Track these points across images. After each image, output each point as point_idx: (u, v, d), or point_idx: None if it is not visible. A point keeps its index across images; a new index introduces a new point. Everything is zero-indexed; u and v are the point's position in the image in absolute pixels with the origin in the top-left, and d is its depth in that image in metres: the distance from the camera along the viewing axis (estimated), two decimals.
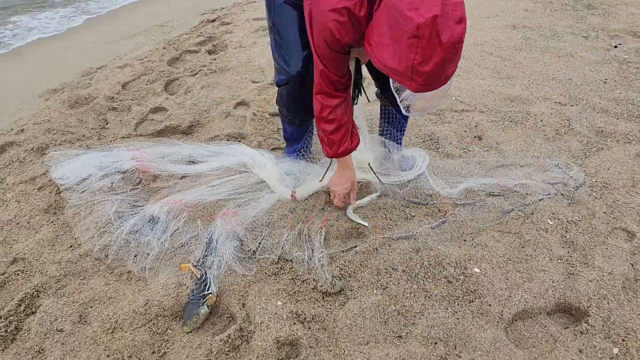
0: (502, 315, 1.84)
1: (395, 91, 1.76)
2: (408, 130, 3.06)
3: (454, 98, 3.46)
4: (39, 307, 1.86)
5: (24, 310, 1.85)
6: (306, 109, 2.26)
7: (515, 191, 2.46)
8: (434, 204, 2.40)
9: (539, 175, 2.58)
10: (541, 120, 3.13)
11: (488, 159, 2.74)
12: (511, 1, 5.78)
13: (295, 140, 2.60)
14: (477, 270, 2.02)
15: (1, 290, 1.94)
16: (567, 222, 2.27)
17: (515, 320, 1.86)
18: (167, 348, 1.73)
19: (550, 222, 2.28)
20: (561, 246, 2.15)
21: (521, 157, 2.76)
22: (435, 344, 1.74)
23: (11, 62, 4.76)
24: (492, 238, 2.21)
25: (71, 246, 2.14)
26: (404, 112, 1.83)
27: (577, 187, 2.50)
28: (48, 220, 2.29)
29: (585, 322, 1.81)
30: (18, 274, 2.00)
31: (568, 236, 2.20)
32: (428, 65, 1.50)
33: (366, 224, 2.25)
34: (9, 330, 1.76)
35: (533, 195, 2.44)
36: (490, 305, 1.87)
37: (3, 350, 1.71)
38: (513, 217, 2.31)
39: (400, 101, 1.78)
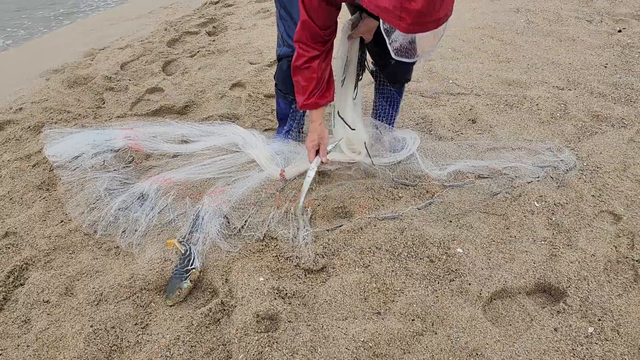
0: (480, 294, 1.85)
1: (385, 32, 1.76)
2: (402, 112, 3.06)
3: (450, 81, 3.45)
4: (27, 279, 1.92)
5: (12, 282, 1.90)
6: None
7: (504, 174, 2.47)
8: (422, 185, 2.41)
9: (530, 159, 2.58)
10: (537, 104, 3.11)
11: (480, 141, 2.74)
12: None
13: (287, 118, 2.62)
14: (459, 250, 2.04)
15: None
16: (554, 204, 2.27)
17: (494, 299, 1.88)
18: (150, 320, 1.78)
19: (537, 205, 2.28)
20: (546, 228, 2.16)
21: (513, 141, 2.75)
22: (412, 320, 1.77)
23: (18, 44, 4.82)
24: (478, 219, 2.22)
25: (62, 221, 2.19)
26: (392, 54, 1.80)
27: (567, 170, 2.50)
28: (40, 197, 2.34)
29: (563, 302, 1.82)
30: (9, 247, 2.05)
31: (554, 218, 2.21)
32: (417, 3, 1.50)
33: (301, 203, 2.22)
34: None
35: (522, 177, 2.44)
36: (470, 284, 1.89)
37: None
38: (500, 199, 2.32)
39: (390, 43, 1.78)
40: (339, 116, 2.37)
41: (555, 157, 2.59)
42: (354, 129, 2.39)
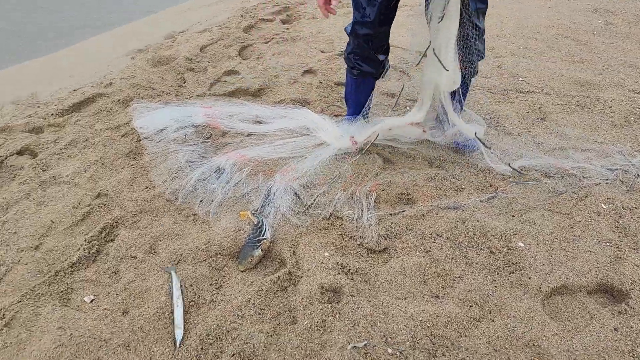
0: (540, 288, 1.89)
1: None
2: (468, 108, 3.08)
3: (520, 79, 3.43)
4: (117, 235, 2.12)
5: (104, 237, 2.11)
6: (367, 59, 2.51)
7: (571, 173, 2.46)
8: (485, 179, 2.44)
9: (599, 160, 2.55)
10: (610, 107, 3.05)
11: (548, 140, 2.73)
12: None
13: (353, 96, 2.74)
14: (521, 244, 2.07)
15: (87, 218, 2.21)
16: (622, 207, 2.25)
17: (554, 294, 1.91)
18: (223, 282, 1.93)
19: (604, 207, 2.27)
20: (612, 230, 2.15)
21: (583, 142, 2.72)
22: (470, 306, 1.83)
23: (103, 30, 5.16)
24: (542, 216, 2.23)
25: (147, 187, 2.39)
26: None
27: (638, 175, 2.46)
28: (129, 164, 2.55)
29: (625, 304, 1.83)
30: (101, 207, 2.27)
31: (621, 221, 2.19)
32: None
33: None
34: (91, 252, 2.03)
35: (590, 179, 2.43)
36: (530, 277, 1.93)
37: (86, 268, 1.98)
38: (566, 198, 2.32)
39: None
40: (434, 54, 2.37)
41: (626, 161, 2.55)
42: (447, 70, 2.38)
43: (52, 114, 3.02)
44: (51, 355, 1.64)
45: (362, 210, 2.22)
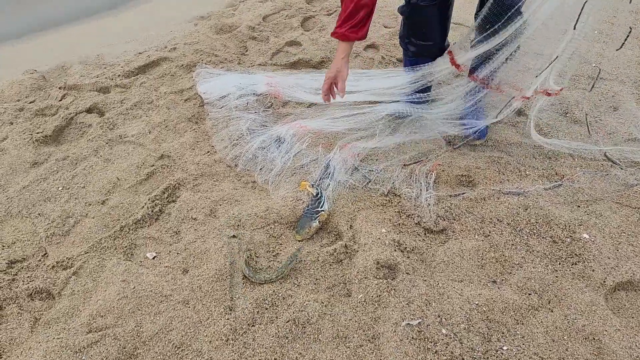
0: (604, 282, 1.82)
1: None
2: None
3: (593, 64, 3.26)
4: (178, 197, 2.18)
5: (167, 198, 2.17)
6: (418, 36, 2.43)
7: None
8: (552, 167, 2.35)
9: None
10: None
11: (621, 130, 2.60)
12: None
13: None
14: (586, 236, 1.99)
15: (150, 178, 2.28)
16: None
17: (618, 289, 1.83)
18: (280, 250, 1.96)
19: None
20: None
21: None
22: (529, 294, 1.78)
23: None
24: (609, 208, 2.14)
25: (208, 152, 2.43)
26: None
27: None
28: (191, 128, 2.60)
29: None
30: (164, 168, 2.33)
31: None
32: None
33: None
34: (154, 211, 2.09)
35: None
36: (593, 270, 1.86)
37: (149, 225, 2.05)
38: (636, 192, 2.21)
39: None
40: None
41: None
42: None
43: (119, 75, 3.11)
44: (115, 306, 1.71)
45: (420, 190, 2.19)
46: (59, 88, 3.01)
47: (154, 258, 1.91)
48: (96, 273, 1.85)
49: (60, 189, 2.23)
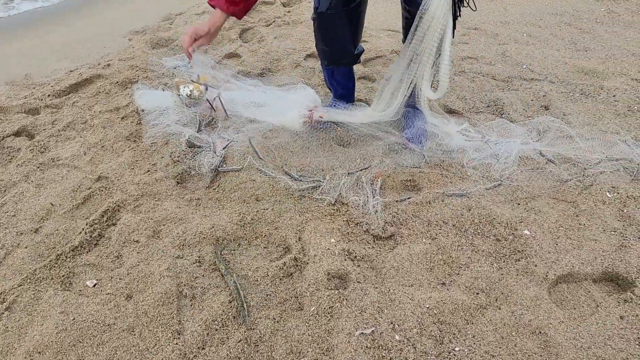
0: (546, 276, 1.88)
1: None
2: (472, 94, 3.06)
3: (524, 66, 3.40)
4: (119, 219, 2.08)
5: (106, 221, 2.07)
6: (332, 45, 2.47)
7: (576, 162, 2.45)
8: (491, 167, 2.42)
9: (604, 149, 2.54)
10: (614, 96, 3.03)
11: (552, 127, 2.71)
12: None
13: (330, 85, 2.76)
14: (527, 232, 2.06)
15: (87, 202, 2.17)
16: (627, 197, 2.25)
17: (560, 282, 1.90)
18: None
19: (609, 195, 2.26)
20: (617, 219, 2.15)
21: (587, 130, 2.71)
22: (477, 294, 1.82)
23: (96, 7, 5.04)
24: (547, 204, 2.22)
25: (148, 170, 2.35)
26: None
27: None
28: (129, 147, 2.51)
29: (630, 292, 1.82)
30: (102, 190, 2.23)
31: (625, 210, 2.19)
32: None
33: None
34: (93, 236, 1.99)
35: (594, 167, 2.41)
36: (536, 265, 1.92)
37: (88, 252, 1.95)
38: (571, 187, 2.31)
39: None
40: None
41: (630, 150, 2.54)
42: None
43: (49, 95, 2.96)
44: (54, 340, 1.61)
45: (367, 197, 2.20)
46: None
47: (94, 286, 1.82)
48: (31, 306, 1.73)
49: None
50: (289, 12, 4.29)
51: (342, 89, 2.72)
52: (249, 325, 1.67)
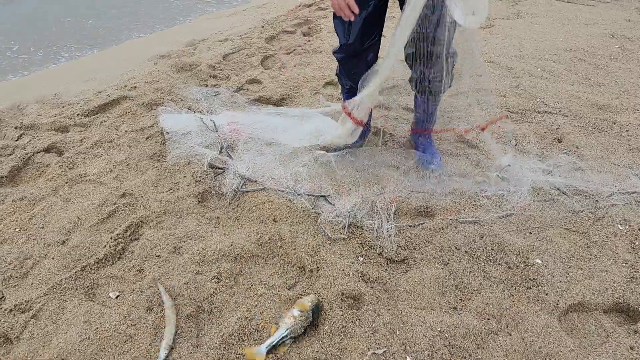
0: (557, 304, 1.91)
1: None
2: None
3: (538, 99, 3.47)
4: (141, 235, 2.16)
5: (129, 236, 2.15)
6: (353, 75, 2.54)
7: (588, 194, 2.49)
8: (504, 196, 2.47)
9: (616, 183, 2.58)
10: (627, 130, 3.08)
11: (565, 160, 2.76)
12: (612, 10, 5.57)
13: (340, 77, 2.79)
14: (538, 261, 2.10)
15: (112, 217, 2.26)
16: (639, 229, 2.28)
17: (570, 311, 1.93)
18: (246, 283, 1.97)
19: (621, 227, 2.29)
20: (628, 251, 2.17)
21: (600, 163, 2.75)
22: (488, 319, 1.85)
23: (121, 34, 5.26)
24: (559, 235, 2.26)
25: (170, 189, 2.44)
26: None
27: None
28: (153, 166, 2.60)
29: None
30: (126, 206, 2.31)
31: (637, 243, 2.22)
32: None
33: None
34: (117, 249, 2.07)
35: (606, 200, 2.45)
36: (547, 294, 1.95)
37: (111, 265, 2.02)
38: (583, 218, 2.35)
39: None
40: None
41: None
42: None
43: (78, 114, 3.09)
44: (77, 348, 1.67)
45: (381, 221, 2.26)
46: (15, 128, 2.97)
47: (117, 297, 1.88)
48: (56, 315, 1.80)
49: (17, 230, 2.18)
50: (309, 41, 4.42)
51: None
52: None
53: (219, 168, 2.53)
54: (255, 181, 2.47)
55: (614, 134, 3.07)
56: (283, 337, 1.72)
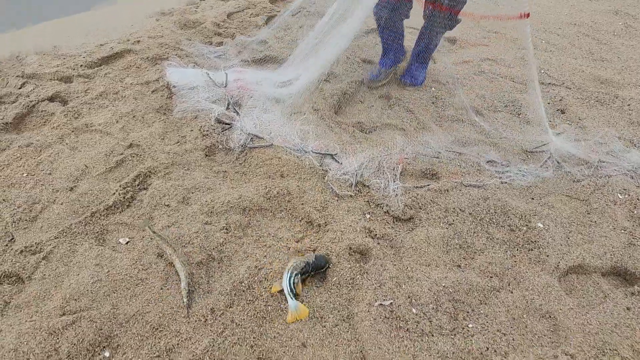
0: (558, 266, 1.96)
1: None
2: (492, 94, 3.15)
3: (542, 71, 3.48)
4: (150, 184, 2.17)
5: (138, 185, 2.15)
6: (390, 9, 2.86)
7: (589, 163, 2.53)
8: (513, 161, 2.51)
9: (617, 154, 2.62)
10: (629, 105, 3.12)
11: (568, 132, 2.80)
12: None
13: (387, 44, 3.12)
14: (540, 225, 2.14)
15: (120, 166, 2.25)
16: (637, 199, 2.33)
17: (570, 273, 1.98)
18: (254, 233, 1.99)
19: (620, 196, 2.34)
20: (627, 219, 2.23)
21: (602, 135, 2.79)
22: (490, 277, 1.90)
23: None
24: (560, 201, 2.31)
25: (178, 142, 2.43)
26: None
27: None
28: (159, 119, 2.59)
29: (638, 286, 1.91)
30: (134, 156, 2.31)
31: (636, 211, 2.27)
32: None
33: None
34: (126, 197, 2.07)
35: (607, 169, 2.49)
36: (548, 256, 2.00)
37: (121, 212, 2.03)
38: (584, 186, 2.39)
39: None
40: None
41: None
42: None
43: (81, 65, 3.04)
44: (90, 289, 1.69)
45: (388, 181, 2.28)
46: (17, 76, 2.92)
47: (127, 243, 1.90)
48: (67, 258, 1.81)
49: (25, 175, 2.17)
50: (314, 3, 4.36)
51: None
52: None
53: (226, 123, 2.52)
54: (263, 137, 2.47)
55: (616, 107, 3.11)
56: (290, 277, 1.75)
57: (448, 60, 3.50)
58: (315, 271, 1.82)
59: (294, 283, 1.74)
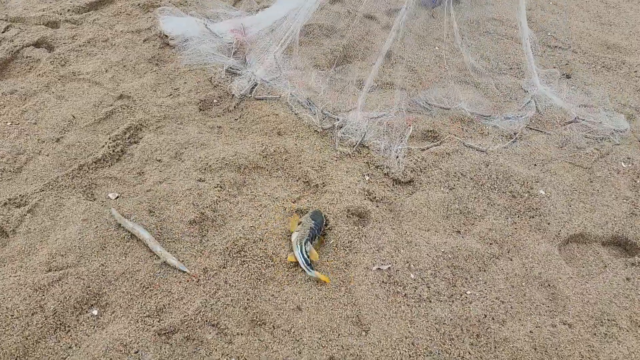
0: (558, 234, 1.93)
1: None
2: (497, 56, 3.04)
3: (548, 34, 3.37)
4: (141, 138, 2.08)
5: (128, 138, 2.06)
6: None
7: (594, 130, 2.46)
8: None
9: (622, 121, 2.56)
10: (635, 71, 3.03)
11: (574, 96, 2.72)
12: None
13: None
14: (542, 192, 2.09)
15: (109, 118, 2.15)
16: None
17: (570, 241, 1.95)
18: (251, 195, 1.92)
19: (624, 165, 2.29)
20: (629, 189, 2.18)
21: (607, 102, 2.71)
22: (490, 244, 1.86)
23: None
24: (563, 168, 2.25)
25: (170, 94, 2.32)
26: None
27: None
28: (151, 69, 2.47)
29: (638, 257, 1.88)
30: (124, 108, 2.21)
31: (638, 181, 2.22)
32: None
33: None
34: (115, 151, 1.99)
35: (610, 137, 2.43)
36: (549, 224, 1.96)
37: (110, 166, 1.95)
38: (588, 154, 2.34)
39: None
40: None
41: None
42: None
43: (68, 10, 2.88)
44: (77, 245, 1.63)
45: (390, 142, 2.20)
46: (0, 19, 2.76)
47: (116, 198, 1.82)
48: (54, 212, 1.74)
49: (8, 124, 2.06)
50: None
51: None
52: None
53: (237, 74, 2.42)
54: (271, 85, 2.37)
55: (623, 73, 3.02)
56: (301, 249, 1.68)
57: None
58: (320, 230, 1.77)
59: (307, 252, 1.68)
